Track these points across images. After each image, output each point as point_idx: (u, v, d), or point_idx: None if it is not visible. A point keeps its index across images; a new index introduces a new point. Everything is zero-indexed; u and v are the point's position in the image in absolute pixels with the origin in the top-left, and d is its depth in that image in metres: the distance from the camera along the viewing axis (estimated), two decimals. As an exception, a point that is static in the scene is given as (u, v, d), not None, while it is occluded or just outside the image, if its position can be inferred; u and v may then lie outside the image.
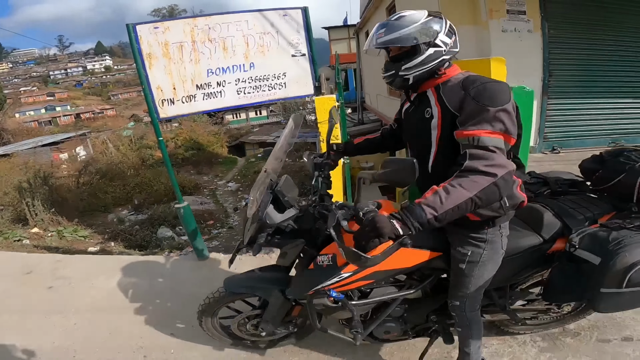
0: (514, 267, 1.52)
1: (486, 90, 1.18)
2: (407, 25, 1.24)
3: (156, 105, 2.85)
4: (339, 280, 1.46)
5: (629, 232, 1.33)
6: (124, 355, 2.24)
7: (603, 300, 1.33)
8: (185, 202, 3.18)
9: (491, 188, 1.11)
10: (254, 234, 1.51)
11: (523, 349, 1.91)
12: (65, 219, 7.46)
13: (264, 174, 1.53)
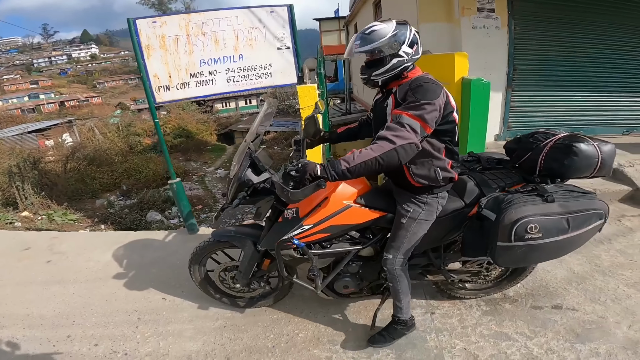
0: (444, 227, 1.85)
1: (421, 88, 1.53)
2: (376, 40, 1.57)
3: (153, 91, 3.11)
4: (301, 231, 1.80)
5: (521, 195, 1.64)
6: (120, 318, 2.43)
7: (499, 253, 1.65)
8: (178, 179, 3.51)
9: (391, 152, 1.44)
10: (235, 193, 1.82)
11: (469, 311, 2.22)
12: (55, 203, 7.56)
13: (244, 144, 1.86)
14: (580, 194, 1.67)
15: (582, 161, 1.64)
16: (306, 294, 2.45)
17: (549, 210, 1.57)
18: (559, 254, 1.79)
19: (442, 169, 1.68)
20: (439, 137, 1.65)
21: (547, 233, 1.58)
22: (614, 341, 1.90)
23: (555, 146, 1.71)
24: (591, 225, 1.64)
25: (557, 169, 1.72)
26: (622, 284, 2.34)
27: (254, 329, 2.23)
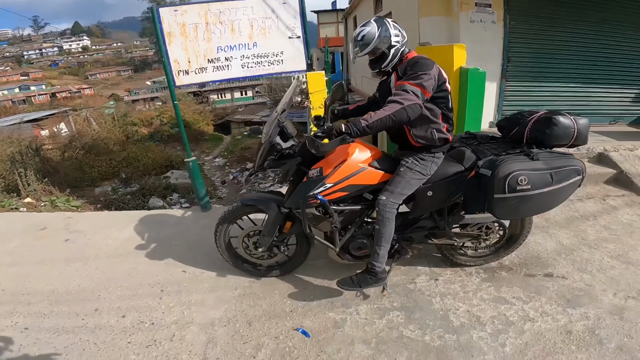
0: (447, 189, 2.10)
1: (418, 63, 1.89)
2: (370, 42, 1.92)
3: (173, 75, 3.30)
4: (324, 188, 2.05)
5: (510, 156, 1.95)
6: (144, 290, 2.56)
7: (496, 205, 1.93)
8: (193, 157, 3.72)
9: (401, 111, 1.78)
10: (264, 157, 2.08)
11: (469, 278, 2.44)
12: (58, 190, 7.62)
13: (275, 114, 2.12)
14: (560, 155, 1.98)
15: (561, 130, 1.95)
16: (318, 265, 2.66)
17: (535, 166, 1.89)
18: (546, 207, 2.06)
19: (437, 131, 2.01)
20: (436, 103, 1.98)
21: (534, 185, 1.88)
22: (601, 307, 2.10)
23: (539, 119, 2.01)
24: (571, 180, 1.95)
25: (541, 138, 2.01)
26: (606, 256, 2.58)
27: (272, 296, 2.41)
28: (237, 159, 14.08)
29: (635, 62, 5.29)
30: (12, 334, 2.21)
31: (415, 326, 2.06)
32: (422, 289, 2.34)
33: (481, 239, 2.40)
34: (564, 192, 1.98)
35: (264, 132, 2.11)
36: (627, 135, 4.71)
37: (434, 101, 1.96)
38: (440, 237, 2.32)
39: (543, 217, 3.09)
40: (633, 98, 5.45)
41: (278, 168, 2.14)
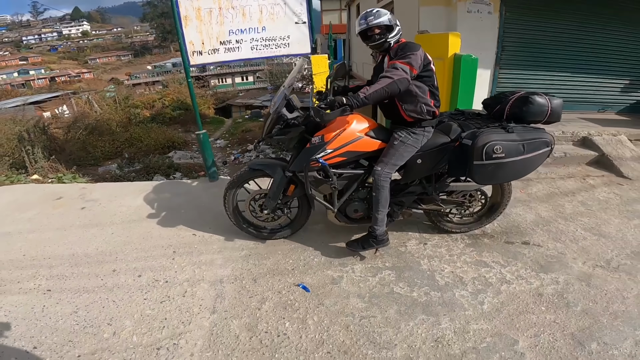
0: (435, 157, 2.35)
1: (406, 46, 2.16)
2: (384, 15, 2.20)
3: (188, 55, 3.53)
4: (325, 153, 2.31)
5: (489, 129, 2.22)
6: (158, 252, 2.75)
7: (475, 171, 2.20)
8: (204, 130, 3.96)
9: (392, 84, 2.03)
10: (271, 126, 2.33)
11: (455, 243, 2.69)
12: (64, 167, 7.82)
13: (282, 88, 2.39)
14: (533, 128, 2.25)
15: (537, 108, 2.22)
16: (317, 229, 2.90)
17: (510, 138, 2.16)
18: (519, 175, 2.33)
19: (426, 105, 2.25)
20: (423, 81, 2.23)
21: (508, 154, 2.15)
22: (570, 273, 2.34)
23: (517, 98, 2.27)
24: (541, 150, 2.23)
25: (519, 114, 2.27)
26: (580, 228, 2.84)
27: (275, 256, 2.64)
28: (238, 141, 14.22)
29: (625, 53, 5.49)
30: (35, 295, 2.34)
31: (405, 284, 2.31)
32: (412, 252, 2.59)
33: (465, 206, 2.67)
34: (534, 161, 2.25)
35: (272, 103, 2.36)
36: (613, 122, 4.95)
37: (421, 79, 2.21)
38: (428, 202, 2.58)
39: (525, 191, 3.35)
40: (622, 88, 5.66)
41: (284, 135, 2.37)
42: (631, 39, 5.42)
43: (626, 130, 4.46)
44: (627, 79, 5.64)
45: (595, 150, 4.10)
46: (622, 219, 2.97)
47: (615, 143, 4.16)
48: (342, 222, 2.59)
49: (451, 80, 3.62)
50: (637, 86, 5.72)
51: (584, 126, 4.59)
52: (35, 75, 53.06)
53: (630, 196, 3.37)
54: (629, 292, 2.17)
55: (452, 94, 3.60)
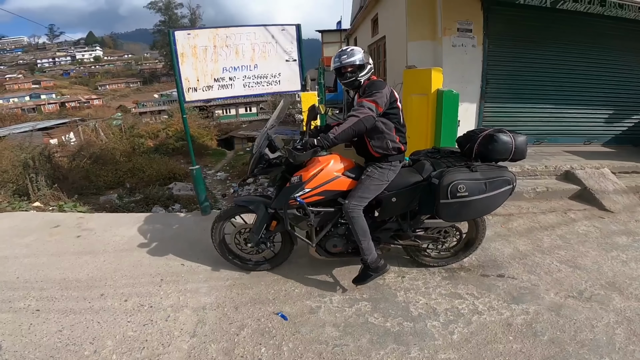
0: (408, 196, 2.46)
1: (373, 84, 2.33)
2: (357, 54, 2.38)
3: (184, 91, 3.73)
4: (303, 192, 2.44)
5: (455, 168, 2.36)
6: (146, 279, 2.87)
7: (442, 208, 2.32)
8: (197, 166, 4.13)
9: (359, 123, 2.20)
10: (254, 166, 2.49)
11: (432, 277, 2.76)
12: (66, 196, 7.99)
13: (264, 129, 2.56)
14: (496, 167, 2.38)
15: (501, 146, 2.35)
16: (301, 262, 2.98)
17: (473, 177, 2.29)
18: (483, 212, 2.46)
19: (392, 142, 2.38)
20: (389, 118, 2.38)
21: (471, 192, 2.28)
22: (541, 304, 2.40)
23: (484, 137, 2.40)
24: (503, 189, 2.35)
25: (485, 153, 2.41)
26: (556, 261, 2.91)
27: (258, 286, 2.73)
28: (238, 174, 14.41)
29: (606, 83, 5.68)
30: (24, 314, 2.48)
31: (380, 314, 2.37)
32: (389, 284, 2.66)
33: (440, 242, 2.75)
34: (497, 198, 2.36)
35: (255, 144, 2.54)
36: (597, 154, 5.08)
37: (387, 116, 2.37)
38: (404, 238, 2.67)
39: (505, 226, 3.44)
40: (606, 119, 5.83)
41: (266, 175, 2.53)
42: (612, 68, 5.62)
43: (610, 163, 4.58)
44: (610, 110, 5.80)
45: (578, 184, 4.20)
46: (599, 251, 3.05)
47: (598, 176, 4.27)
48: (322, 257, 2.69)
49: (434, 115, 3.76)
50: (621, 117, 5.88)
51: (567, 160, 4.72)
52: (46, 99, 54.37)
53: (611, 229, 3.44)
54: (599, 320, 2.23)
55: (436, 129, 3.74)
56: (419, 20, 5.20)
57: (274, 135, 2.58)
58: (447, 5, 4.91)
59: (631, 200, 3.99)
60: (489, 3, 4.98)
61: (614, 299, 2.44)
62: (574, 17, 5.14)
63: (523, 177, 4.37)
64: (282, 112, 2.77)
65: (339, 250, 2.64)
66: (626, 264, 2.85)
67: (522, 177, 4.36)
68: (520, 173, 4.29)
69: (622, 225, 3.53)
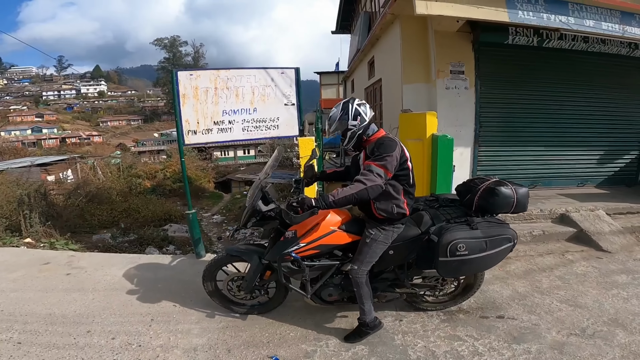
0: (406, 249, 2.42)
1: (383, 145, 2.20)
2: (333, 123, 2.31)
3: (183, 134, 3.75)
4: (297, 247, 2.39)
5: (455, 225, 2.30)
6: (135, 318, 2.80)
7: (441, 266, 2.28)
8: (193, 210, 4.09)
9: (363, 191, 2.10)
10: (248, 218, 2.43)
11: (430, 320, 2.70)
12: (58, 234, 7.87)
13: (258, 180, 2.53)
14: (497, 224, 2.34)
15: (502, 200, 2.31)
16: (297, 305, 2.91)
17: (474, 235, 2.24)
18: (483, 268, 2.43)
19: (397, 206, 2.28)
20: (399, 180, 2.28)
21: (471, 251, 2.23)
22: (543, 342, 2.37)
23: (485, 189, 2.37)
24: (503, 246, 2.30)
25: (486, 206, 2.37)
26: (556, 301, 2.89)
27: (252, 329, 2.65)
28: (235, 217, 14.25)
29: (598, 123, 5.80)
30: (5, 346, 2.43)
31: (377, 358, 2.30)
32: (387, 328, 2.59)
33: (438, 289, 2.71)
34: (497, 256, 2.33)
35: (249, 195, 2.52)
36: (591, 196, 5.15)
37: (396, 178, 2.25)
38: (401, 287, 2.62)
39: (503, 269, 3.41)
40: (598, 160, 5.92)
41: (260, 227, 2.52)
42: (601, 105, 5.76)
43: (604, 205, 4.64)
44: (602, 150, 5.90)
45: (574, 227, 4.22)
46: (599, 290, 3.05)
47: (593, 218, 4.31)
48: (317, 304, 2.63)
49: (430, 160, 3.80)
50: (613, 157, 5.98)
51: (562, 203, 4.77)
52: (48, 134, 54.89)
53: (609, 268, 3.46)
54: (604, 356, 2.20)
55: (431, 175, 3.77)
56: (414, 62, 5.36)
57: (267, 187, 2.54)
58: (440, 48, 5.10)
59: (628, 240, 4.02)
60: (479, 44, 5.18)
61: (617, 334, 2.42)
62: (561, 55, 5.35)
63: (519, 222, 4.37)
64: (275, 161, 2.74)
65: (334, 299, 2.58)
66: (628, 301, 2.84)
67: (519, 222, 4.36)
68: (516, 217, 4.30)
69: (621, 264, 3.55)
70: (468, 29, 5.10)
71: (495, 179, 2.43)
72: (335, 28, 15.12)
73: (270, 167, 2.67)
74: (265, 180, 2.54)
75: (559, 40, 4.99)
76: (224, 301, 2.84)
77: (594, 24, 4.56)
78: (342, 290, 2.54)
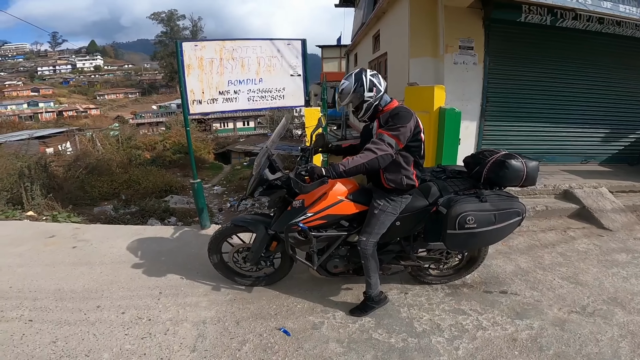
0: (413, 220, 2.42)
1: (398, 115, 2.15)
2: (346, 96, 2.24)
3: (188, 103, 3.71)
4: (305, 217, 2.38)
5: (465, 197, 2.27)
6: (144, 292, 2.82)
7: (449, 239, 2.26)
8: (199, 180, 4.08)
9: (374, 160, 2.07)
10: (254, 187, 2.41)
11: (435, 293, 2.74)
12: (60, 206, 7.88)
13: (265, 148, 2.49)
14: (506, 197, 2.32)
15: (512, 173, 2.28)
16: (303, 277, 2.95)
17: (483, 208, 2.21)
18: (491, 242, 2.42)
19: (407, 177, 2.25)
20: (410, 151, 2.24)
21: (480, 224, 2.20)
22: (545, 319, 2.41)
23: (494, 162, 2.33)
24: (512, 220, 2.28)
25: (495, 179, 2.34)
26: (557, 277, 2.93)
27: (260, 301, 2.68)
28: (235, 188, 14.30)
29: (604, 102, 5.76)
30: (17, 324, 2.44)
31: (383, 330, 2.35)
32: (392, 300, 2.63)
33: (442, 262, 2.73)
34: (505, 230, 2.31)
35: (255, 163, 2.47)
36: (595, 173, 5.14)
37: (408, 149, 2.21)
38: (406, 259, 2.64)
39: (506, 244, 3.44)
40: (603, 138, 5.91)
41: (266, 196, 2.48)
42: (608, 85, 5.71)
43: (607, 182, 4.64)
44: (607, 129, 5.89)
45: (576, 203, 4.23)
46: (600, 268, 3.07)
47: (596, 195, 4.32)
48: (322, 276, 2.65)
49: (436, 133, 3.78)
50: (617, 135, 5.97)
51: (565, 179, 4.77)
52: (45, 108, 54.13)
53: (610, 246, 3.48)
54: (604, 334, 2.25)
55: (437, 147, 3.76)
56: (421, 37, 5.26)
57: (274, 155, 2.51)
58: (449, 23, 4.99)
59: (629, 218, 4.04)
60: (490, 21, 5.08)
61: (616, 313, 2.46)
62: (572, 35, 5.25)
63: (523, 196, 4.38)
64: (282, 129, 2.70)
65: (340, 270, 2.60)
66: (627, 280, 2.88)
67: (522, 196, 4.34)
68: (520, 192, 4.30)
69: (621, 243, 3.57)
70: (479, 5, 4.98)
71: (505, 152, 2.39)
72: (338, 1, 14.57)
73: (277, 136, 2.64)
74: (272, 149, 2.51)
75: (574, 21, 4.87)
76: (230, 273, 2.87)
77: (611, 6, 4.46)
78: (348, 262, 2.57)
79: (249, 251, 2.68)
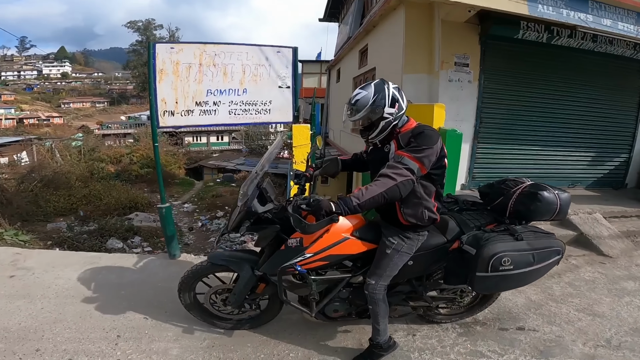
0: (428, 259, 2.08)
1: (423, 134, 1.79)
2: (361, 109, 1.82)
3: (158, 115, 3.20)
4: (303, 258, 1.96)
5: (496, 234, 1.96)
6: (97, 335, 2.36)
7: (478, 281, 1.93)
8: (167, 204, 3.50)
9: (394, 188, 1.69)
10: (240, 221, 1.98)
11: (446, 333, 2.42)
12: (7, 222, 7.03)
13: (254, 174, 2.06)
14: (543, 234, 2.04)
15: (545, 207, 2.02)
16: (293, 318, 2.53)
17: (519, 247, 1.91)
18: (525, 283, 2.10)
19: (428, 210, 1.91)
20: (432, 180, 1.90)
21: (517, 265, 1.90)
22: (572, 356, 2.20)
23: (523, 193, 2.07)
24: (551, 260, 2.00)
25: (524, 212, 2.07)
26: (572, 309, 2.74)
27: (244, 349, 2.25)
28: (207, 206, 13.65)
29: (591, 124, 5.76)
30: None
31: (393, 382, 1.98)
32: (400, 345, 2.27)
33: (457, 302, 2.41)
34: (543, 270, 2.02)
35: (241, 192, 2.04)
36: (584, 198, 5.10)
37: (429, 178, 1.88)
38: (417, 300, 2.29)
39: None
40: (589, 161, 5.91)
41: (255, 232, 2.07)
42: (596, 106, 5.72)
43: (600, 208, 4.61)
44: (593, 152, 5.89)
45: (574, 230, 4.13)
46: (612, 298, 2.94)
47: (592, 222, 4.23)
48: (319, 320, 2.25)
49: None
50: (602, 159, 5.98)
51: (559, 205, 4.65)
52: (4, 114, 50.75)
53: (615, 274, 3.39)
54: None
55: None
56: (416, 52, 5.05)
57: (265, 183, 2.10)
58: (445, 38, 4.82)
59: (626, 245, 3.99)
60: (486, 37, 4.98)
61: (643, 344, 2.27)
62: (563, 54, 5.23)
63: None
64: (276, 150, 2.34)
65: (340, 315, 2.21)
66: (642, 309, 2.75)
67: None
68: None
69: (625, 270, 3.50)
70: (476, 21, 4.87)
71: (530, 182, 2.14)
72: (323, 16, 14.53)
73: (267, 160, 2.22)
74: (262, 175, 2.09)
75: (568, 39, 4.85)
76: (206, 316, 2.40)
77: (610, 24, 4.45)
78: (350, 305, 2.18)
79: (231, 293, 2.23)
